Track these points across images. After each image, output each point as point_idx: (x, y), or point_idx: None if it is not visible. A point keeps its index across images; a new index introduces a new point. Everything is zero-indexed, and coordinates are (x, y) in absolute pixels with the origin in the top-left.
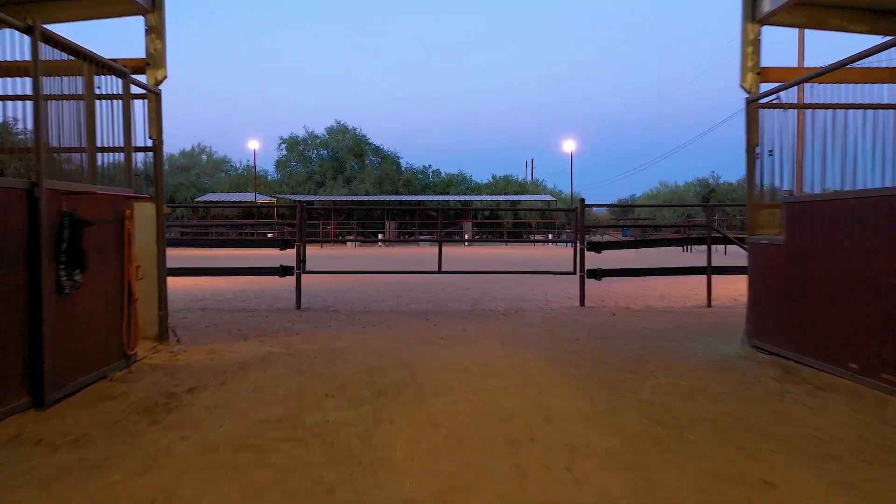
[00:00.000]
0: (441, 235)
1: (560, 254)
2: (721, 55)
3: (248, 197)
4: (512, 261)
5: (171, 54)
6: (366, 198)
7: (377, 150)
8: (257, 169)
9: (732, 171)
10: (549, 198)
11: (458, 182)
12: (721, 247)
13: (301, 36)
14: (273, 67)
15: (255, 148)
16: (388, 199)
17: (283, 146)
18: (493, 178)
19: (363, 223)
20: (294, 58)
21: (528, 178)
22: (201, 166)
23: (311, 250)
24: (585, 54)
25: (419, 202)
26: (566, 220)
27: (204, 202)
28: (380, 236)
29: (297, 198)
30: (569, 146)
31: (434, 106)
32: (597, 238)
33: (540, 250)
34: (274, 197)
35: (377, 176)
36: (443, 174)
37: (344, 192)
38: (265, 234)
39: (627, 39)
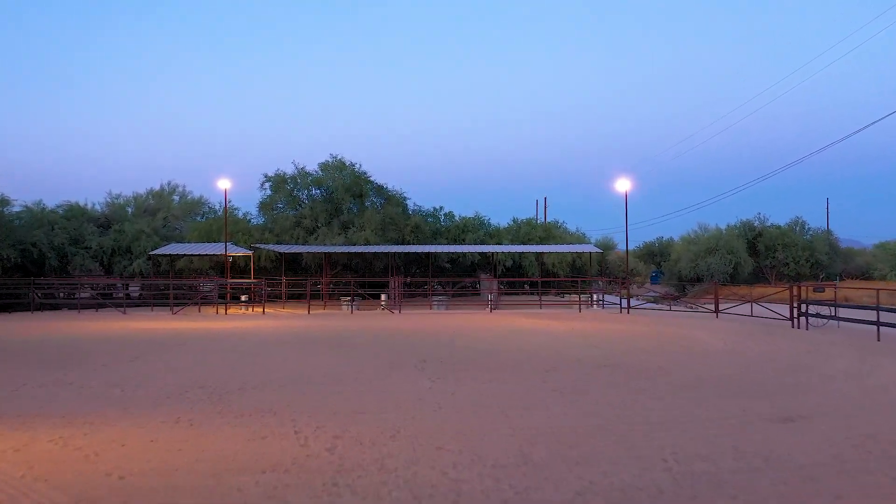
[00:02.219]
0: (454, 292)
1: (641, 330)
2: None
3: (219, 249)
4: (576, 346)
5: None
6: (366, 249)
7: (380, 189)
8: (239, 212)
9: (780, 212)
10: (592, 248)
11: (474, 227)
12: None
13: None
14: (263, 101)
15: (227, 187)
16: (392, 250)
17: (268, 185)
18: (513, 221)
19: (364, 276)
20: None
21: (542, 217)
22: (172, 208)
23: (293, 315)
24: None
25: (431, 256)
26: (597, 270)
27: (162, 254)
28: (383, 298)
29: (283, 248)
30: (622, 185)
31: (438, 144)
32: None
33: (597, 322)
34: (253, 247)
35: (379, 221)
36: (457, 217)
37: (340, 240)
38: (238, 295)
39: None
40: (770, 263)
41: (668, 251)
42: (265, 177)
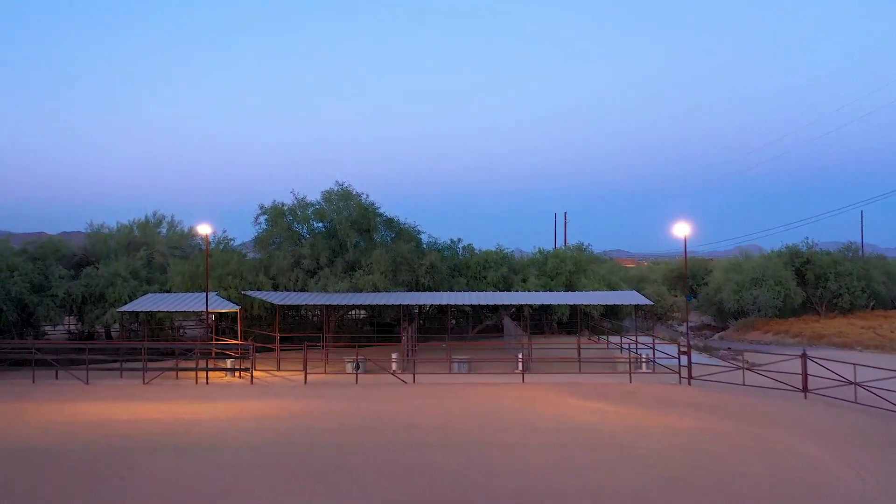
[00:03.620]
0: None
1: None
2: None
3: (200, 303)
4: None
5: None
6: (375, 300)
7: (390, 222)
8: (236, 241)
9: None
10: (639, 297)
11: (496, 262)
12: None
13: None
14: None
15: (208, 233)
16: (404, 301)
17: (263, 218)
18: (538, 252)
19: (371, 328)
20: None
21: (563, 236)
22: (157, 242)
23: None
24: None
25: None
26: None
27: (133, 311)
28: (394, 357)
29: (277, 299)
30: (680, 230)
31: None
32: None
33: (659, 410)
34: (244, 294)
35: (390, 261)
36: (477, 250)
37: (344, 285)
38: (224, 357)
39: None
40: (820, 294)
41: (700, 271)
42: (260, 208)
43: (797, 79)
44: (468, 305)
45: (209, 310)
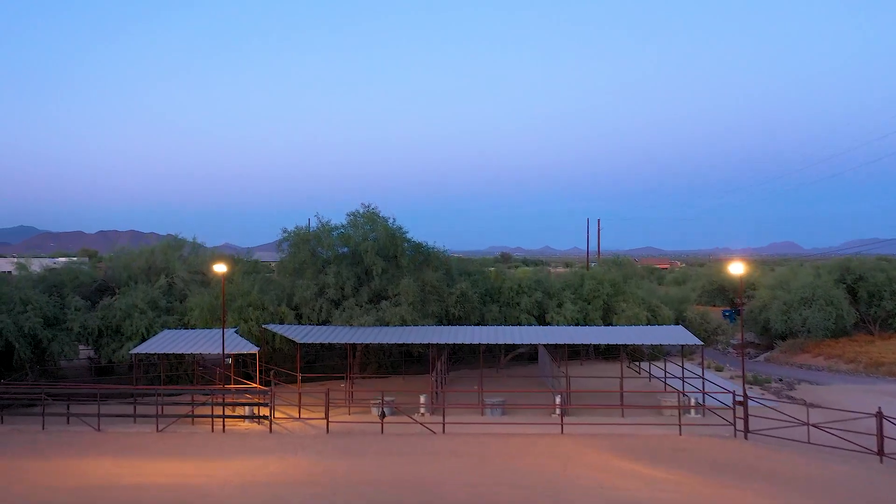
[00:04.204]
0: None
1: None
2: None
3: (215, 344)
4: None
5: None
6: (401, 339)
7: (418, 247)
8: (262, 255)
9: (870, 229)
10: (688, 336)
11: (530, 287)
12: None
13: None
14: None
15: (224, 272)
16: (433, 340)
17: (286, 244)
18: (573, 271)
19: (399, 353)
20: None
21: (596, 244)
22: (177, 269)
23: (305, 435)
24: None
25: (487, 348)
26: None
27: (145, 353)
28: (422, 401)
29: (299, 336)
30: (735, 268)
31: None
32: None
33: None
34: (265, 329)
35: (418, 291)
36: (507, 273)
37: (370, 319)
38: (243, 402)
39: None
40: (874, 312)
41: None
42: (284, 232)
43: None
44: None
45: (226, 352)
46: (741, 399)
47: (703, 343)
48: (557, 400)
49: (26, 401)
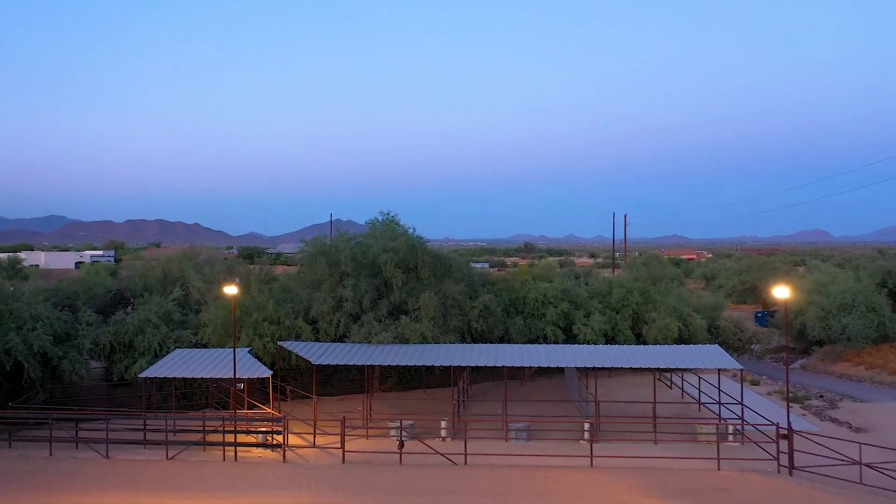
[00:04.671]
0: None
1: None
2: None
3: (225, 367)
4: None
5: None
6: (422, 357)
7: (438, 258)
8: (282, 246)
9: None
10: (728, 360)
11: (556, 297)
12: None
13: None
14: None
15: (234, 294)
16: (455, 362)
17: (306, 252)
18: (601, 279)
19: (420, 375)
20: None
21: (623, 238)
22: (191, 279)
23: (319, 462)
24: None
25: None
26: (706, 338)
27: (153, 377)
28: (443, 425)
29: (314, 357)
30: (780, 292)
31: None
32: None
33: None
34: (280, 345)
35: (439, 305)
36: (532, 283)
37: (388, 336)
38: (254, 428)
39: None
40: None
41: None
42: (301, 242)
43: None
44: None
45: (238, 376)
46: (785, 431)
47: (741, 368)
48: (586, 427)
49: (34, 424)
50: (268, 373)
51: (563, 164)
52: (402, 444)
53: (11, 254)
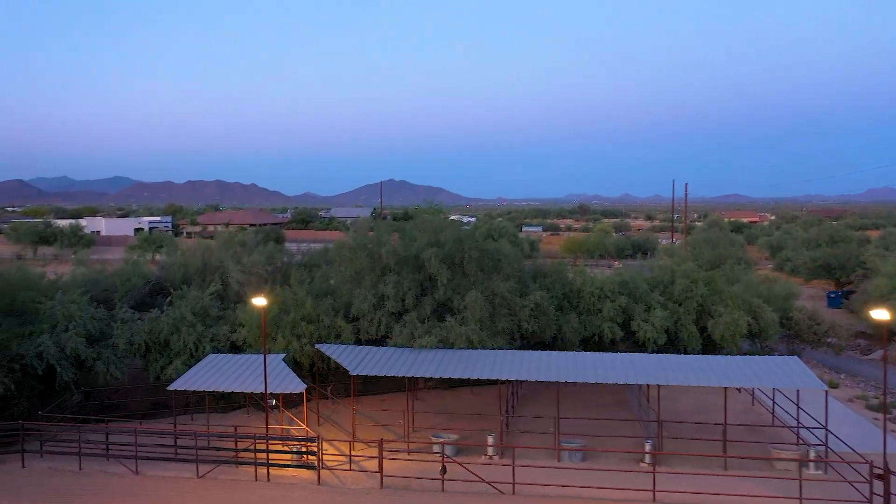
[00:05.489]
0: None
1: None
2: None
3: (256, 381)
4: None
5: None
6: (467, 368)
7: (485, 253)
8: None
9: None
10: (809, 378)
11: (613, 291)
12: None
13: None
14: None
15: (263, 305)
16: (501, 375)
17: (345, 249)
18: (661, 268)
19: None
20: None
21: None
22: (230, 269)
23: (355, 487)
24: None
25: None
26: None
27: (181, 389)
28: (490, 441)
29: (352, 366)
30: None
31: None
32: None
33: None
34: (317, 346)
35: (487, 306)
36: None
37: (432, 340)
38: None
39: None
40: None
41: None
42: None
43: None
44: (580, 347)
45: (270, 391)
46: (880, 471)
47: (826, 387)
48: (647, 447)
49: (66, 430)
50: (301, 388)
51: (619, 121)
52: (444, 470)
53: (74, 221)
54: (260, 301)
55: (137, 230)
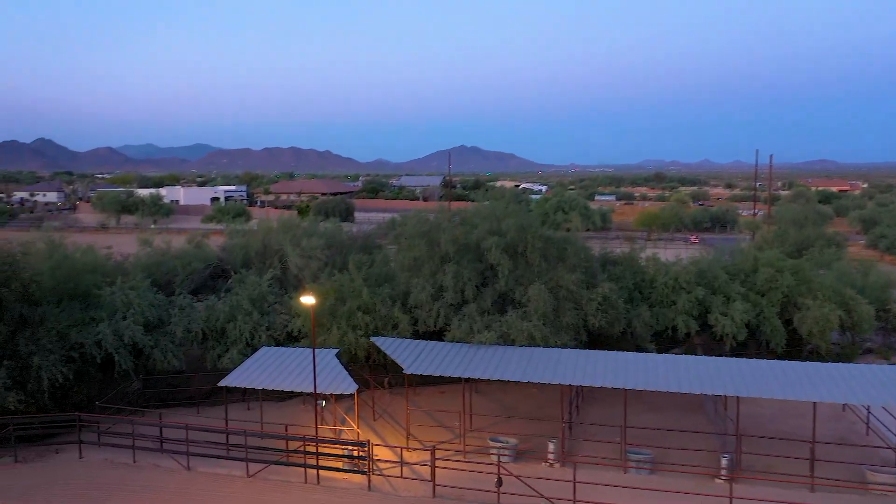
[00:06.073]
0: None
1: None
2: None
3: (304, 378)
4: None
5: None
6: (528, 371)
7: (550, 242)
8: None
9: None
10: None
11: (688, 281)
12: None
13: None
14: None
15: (312, 303)
16: (567, 374)
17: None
18: (741, 253)
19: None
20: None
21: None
22: (292, 251)
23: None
24: None
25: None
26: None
27: (229, 386)
28: (551, 448)
29: (407, 364)
30: None
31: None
32: None
33: None
34: (373, 340)
35: (551, 300)
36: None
37: (491, 336)
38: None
39: None
40: None
41: None
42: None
43: None
44: (651, 342)
45: (320, 391)
46: None
47: None
48: (724, 462)
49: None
50: (352, 389)
51: (699, 82)
52: (500, 482)
53: (154, 190)
54: (308, 299)
55: (214, 199)
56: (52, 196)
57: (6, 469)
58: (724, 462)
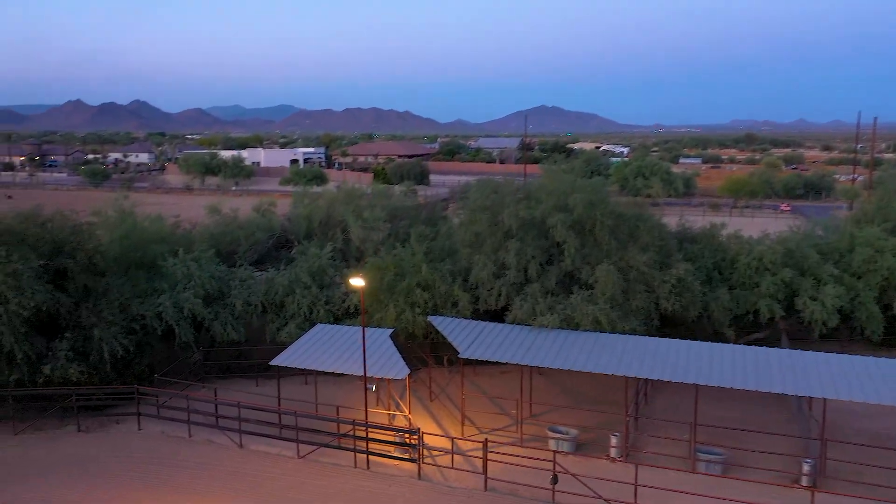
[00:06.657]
0: None
1: None
2: None
3: (354, 362)
4: None
5: None
6: (594, 361)
7: (621, 219)
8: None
9: None
10: None
11: (774, 261)
12: None
13: None
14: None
15: (362, 286)
16: (637, 366)
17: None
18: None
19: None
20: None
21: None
22: (353, 223)
23: (466, 468)
24: None
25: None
26: None
27: (281, 365)
28: (613, 443)
29: (463, 347)
30: None
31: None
32: None
33: None
34: (430, 320)
35: (620, 280)
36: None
37: (555, 319)
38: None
39: None
40: None
41: None
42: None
43: None
44: (729, 328)
45: (370, 375)
46: None
47: None
48: (805, 468)
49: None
50: (403, 373)
51: (794, 36)
52: (555, 480)
53: (237, 152)
54: (357, 281)
55: (293, 161)
56: (143, 157)
57: (70, 437)
58: (805, 468)
